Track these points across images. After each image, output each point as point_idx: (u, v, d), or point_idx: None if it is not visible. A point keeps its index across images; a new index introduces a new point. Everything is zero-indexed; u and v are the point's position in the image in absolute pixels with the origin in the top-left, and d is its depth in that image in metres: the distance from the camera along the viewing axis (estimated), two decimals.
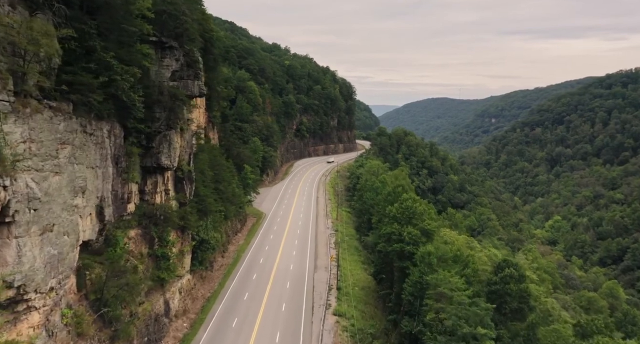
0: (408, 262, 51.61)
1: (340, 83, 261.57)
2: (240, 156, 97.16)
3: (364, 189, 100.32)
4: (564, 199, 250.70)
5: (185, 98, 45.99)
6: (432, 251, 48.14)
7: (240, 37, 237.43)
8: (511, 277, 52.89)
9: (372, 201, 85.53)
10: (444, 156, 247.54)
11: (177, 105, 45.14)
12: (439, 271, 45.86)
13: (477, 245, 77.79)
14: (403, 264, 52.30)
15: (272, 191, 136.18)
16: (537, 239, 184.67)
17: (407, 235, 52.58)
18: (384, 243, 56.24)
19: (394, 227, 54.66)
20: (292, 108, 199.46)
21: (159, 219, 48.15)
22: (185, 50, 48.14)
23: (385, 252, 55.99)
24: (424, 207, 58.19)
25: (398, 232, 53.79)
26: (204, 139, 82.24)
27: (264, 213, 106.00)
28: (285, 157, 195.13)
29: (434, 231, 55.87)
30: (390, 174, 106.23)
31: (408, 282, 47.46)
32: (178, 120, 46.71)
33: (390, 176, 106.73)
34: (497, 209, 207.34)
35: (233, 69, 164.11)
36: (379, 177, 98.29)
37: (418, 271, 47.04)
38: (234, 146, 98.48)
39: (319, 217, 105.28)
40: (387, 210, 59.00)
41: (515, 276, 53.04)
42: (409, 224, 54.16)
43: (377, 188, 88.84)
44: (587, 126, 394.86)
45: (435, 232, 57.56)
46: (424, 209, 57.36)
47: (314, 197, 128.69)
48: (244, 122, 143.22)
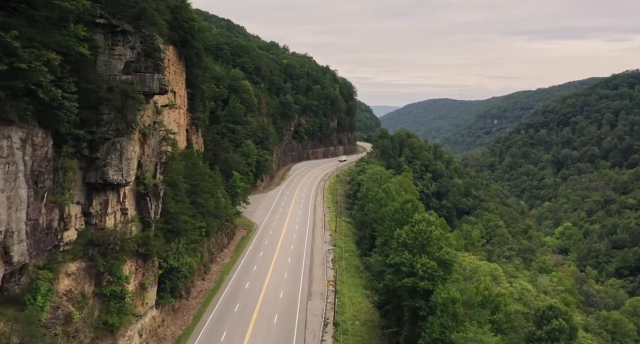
0: (422, 302, 41.88)
1: (340, 83, 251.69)
2: (228, 162, 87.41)
3: (365, 198, 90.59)
4: (573, 203, 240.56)
5: (138, 95, 36.17)
6: (457, 297, 38.11)
7: (236, 35, 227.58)
8: (561, 331, 41.72)
9: (375, 214, 75.85)
10: (449, 158, 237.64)
11: (129, 105, 35.33)
12: (466, 325, 36.03)
13: (501, 272, 68.16)
14: (416, 304, 42.59)
15: (267, 198, 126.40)
16: (548, 247, 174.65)
17: (421, 267, 42.76)
18: (392, 275, 46.51)
19: (404, 257, 44.88)
20: (290, 109, 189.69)
21: (111, 247, 38.37)
22: (143, 36, 38.37)
23: (392, 286, 46.23)
24: (440, 231, 48.24)
25: (409, 264, 44.00)
26: (186, 144, 72.58)
27: (255, 224, 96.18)
28: (283, 161, 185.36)
29: (453, 262, 46.12)
30: (394, 181, 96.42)
31: (425, 337, 37.38)
32: (133, 123, 36.91)
33: (394, 182, 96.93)
34: (505, 215, 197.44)
35: (227, 68, 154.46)
36: (382, 186, 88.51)
37: (439, 324, 37.08)
38: (221, 150, 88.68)
39: (316, 229, 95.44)
40: (396, 234, 49.27)
41: (565, 329, 41.84)
42: (423, 253, 44.41)
43: (381, 199, 79.15)
44: (594, 127, 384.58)
45: (455, 262, 47.76)
46: (440, 234, 47.52)
47: (311, 205, 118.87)
48: (236, 123, 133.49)
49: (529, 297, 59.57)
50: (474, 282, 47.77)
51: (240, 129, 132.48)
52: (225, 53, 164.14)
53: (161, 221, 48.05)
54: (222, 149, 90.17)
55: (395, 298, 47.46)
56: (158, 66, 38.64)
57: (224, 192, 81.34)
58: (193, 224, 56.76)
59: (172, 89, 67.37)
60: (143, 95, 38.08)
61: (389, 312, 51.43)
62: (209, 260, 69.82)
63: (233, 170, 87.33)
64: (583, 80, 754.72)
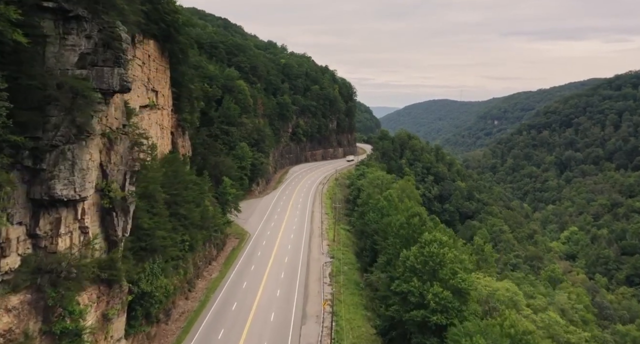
0: (435, 339, 35.86)
1: (339, 83, 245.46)
2: (219, 166, 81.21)
3: (365, 205, 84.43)
4: (579, 207, 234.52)
5: (91, 93, 29.99)
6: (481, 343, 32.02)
7: (233, 34, 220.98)
8: None
9: (377, 224, 69.72)
10: (451, 160, 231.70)
11: (79, 105, 29.17)
12: None
13: (521, 296, 61.95)
14: (427, 342, 36.44)
15: (262, 203, 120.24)
16: (555, 253, 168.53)
17: (433, 298, 36.76)
18: (398, 305, 40.37)
19: (412, 285, 38.80)
20: (288, 110, 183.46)
21: (64, 274, 32.18)
22: (102, 23, 32.20)
23: (399, 318, 40.07)
24: (454, 253, 41.85)
25: (419, 293, 37.97)
26: (170, 148, 66.42)
27: (248, 233, 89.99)
28: (280, 163, 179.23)
29: (470, 290, 39.90)
30: (396, 187, 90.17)
31: None
32: (86, 127, 30.73)
33: (396, 188, 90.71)
34: (510, 220, 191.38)
35: (221, 67, 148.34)
36: (383, 193, 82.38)
37: None
38: (212, 154, 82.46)
39: (313, 238, 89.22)
40: (402, 256, 43.15)
41: None
42: (434, 280, 38.33)
43: (383, 208, 73.02)
44: (597, 128, 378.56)
45: (472, 290, 41.44)
46: (454, 256, 41.25)
47: (309, 211, 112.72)
48: (231, 125, 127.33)
49: (557, 330, 53.34)
50: (496, 317, 41.54)
51: (234, 130, 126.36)
52: (220, 52, 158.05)
53: (132, 239, 41.87)
54: (213, 152, 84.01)
55: (401, 327, 41.35)
56: (119, 59, 32.42)
57: (213, 200, 75.13)
58: (173, 239, 50.58)
59: (153, 88, 61.32)
60: (101, 93, 31.90)
61: (393, 340, 45.30)
62: (195, 275, 63.65)
63: (224, 175, 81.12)
64: (584, 81, 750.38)
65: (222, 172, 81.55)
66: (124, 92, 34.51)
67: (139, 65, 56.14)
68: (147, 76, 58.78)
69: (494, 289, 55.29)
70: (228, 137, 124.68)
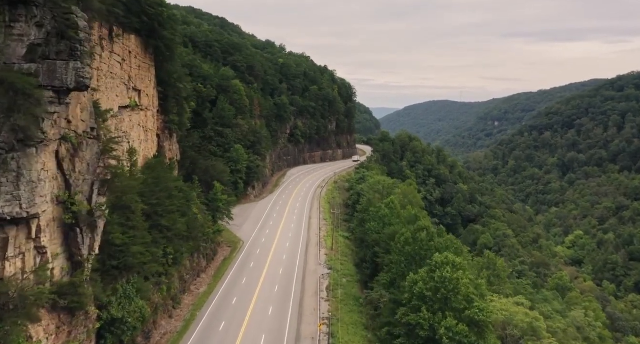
0: None
1: (339, 83, 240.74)
2: (209, 171, 76.27)
3: (366, 212, 79.53)
4: (583, 210, 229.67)
5: (35, 92, 25.13)
6: None
7: (230, 33, 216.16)
8: None
9: (378, 235, 64.80)
10: (453, 163, 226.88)
11: (19, 105, 24.31)
12: None
13: (542, 322, 56.70)
14: None
15: (258, 208, 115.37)
16: (560, 259, 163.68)
17: (445, 333, 31.73)
18: (405, 339, 35.42)
19: (421, 317, 33.82)
20: (285, 110, 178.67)
21: (11, 304, 27.30)
22: (57, 9, 27.37)
23: None
24: (469, 277, 36.62)
25: (429, 325, 33.04)
26: (155, 152, 61.58)
27: (241, 241, 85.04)
28: (277, 166, 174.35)
29: (489, 322, 34.77)
30: (398, 192, 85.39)
31: None
32: (31, 132, 25.87)
33: (398, 194, 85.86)
34: (513, 224, 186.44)
35: (216, 66, 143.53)
36: (385, 199, 77.49)
37: None
38: (202, 158, 77.54)
39: (310, 247, 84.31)
40: (409, 280, 38.09)
41: None
42: (447, 310, 33.39)
43: (384, 217, 68.15)
44: (600, 129, 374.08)
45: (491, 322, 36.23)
46: (469, 281, 36.07)
47: (306, 216, 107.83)
48: (225, 126, 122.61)
49: None
50: None
51: (229, 132, 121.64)
52: (215, 51, 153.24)
53: (102, 257, 37.00)
54: (203, 156, 79.10)
55: None
56: (75, 51, 27.59)
57: (203, 208, 70.22)
58: (154, 254, 45.72)
59: (135, 87, 56.48)
60: (53, 91, 27.07)
61: None
62: (181, 290, 58.72)
63: (215, 180, 76.23)
64: (585, 81, 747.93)
65: (213, 177, 76.67)
66: (82, 90, 29.63)
67: (118, 62, 51.34)
68: (127, 74, 53.94)
69: (512, 313, 50.25)
70: (223, 139, 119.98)
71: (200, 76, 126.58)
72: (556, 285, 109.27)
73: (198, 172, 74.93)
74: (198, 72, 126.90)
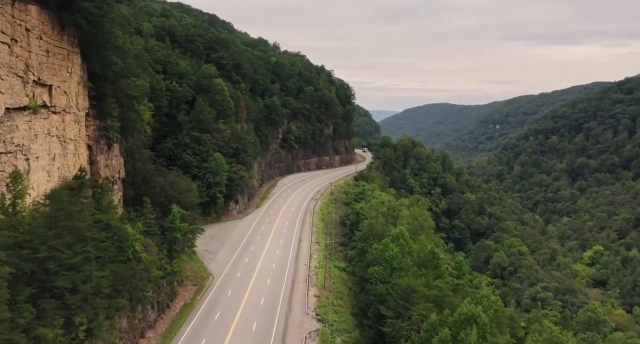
0: None
1: (336, 84, 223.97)
2: (166, 191, 59.39)
3: (366, 242, 62.86)
4: (599, 221, 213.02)
5: None
6: None
7: (220, 30, 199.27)
8: None
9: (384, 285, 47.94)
10: (459, 170, 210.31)
11: None
12: None
13: None
14: None
15: (240, 227, 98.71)
16: (582, 279, 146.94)
17: None
18: None
19: None
20: (277, 113, 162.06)
21: None
22: None
23: None
24: None
25: None
26: (78, 171, 44.83)
27: (211, 276, 68.32)
28: (268, 174, 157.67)
29: None
30: (406, 215, 68.64)
31: None
32: None
33: (406, 216, 69.13)
34: (527, 238, 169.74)
35: (197, 63, 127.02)
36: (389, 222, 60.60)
37: None
38: (158, 174, 60.54)
39: (297, 284, 67.54)
40: None
41: None
42: None
43: (392, 258, 51.32)
44: (609, 134, 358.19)
45: None
46: None
47: (295, 239, 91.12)
48: (204, 131, 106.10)
49: None
50: None
51: (207, 138, 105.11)
52: (197, 46, 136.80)
53: None
54: (159, 171, 62.13)
55: None
56: None
57: (152, 242, 53.23)
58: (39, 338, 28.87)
59: (40, 80, 39.77)
60: None
61: None
62: None
63: (174, 202, 59.44)
64: (587, 84, 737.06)
65: (172, 198, 59.88)
66: None
67: (4, 43, 34.73)
68: (24, 62, 37.26)
69: None
70: (200, 146, 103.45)
71: (175, 74, 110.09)
72: (588, 319, 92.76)
73: (151, 193, 58.08)
74: (173, 69, 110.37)
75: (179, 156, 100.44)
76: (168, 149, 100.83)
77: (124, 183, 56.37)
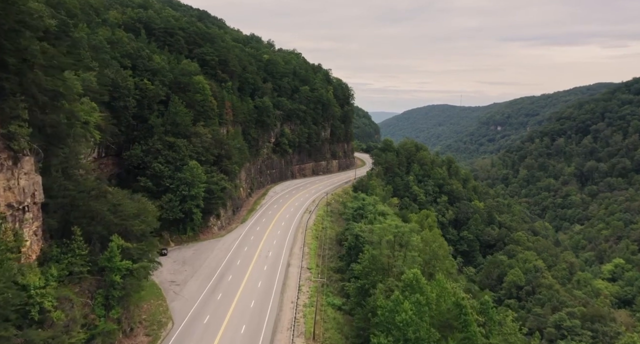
0: None
1: (334, 84, 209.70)
2: (104, 218, 45.06)
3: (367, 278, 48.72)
4: (615, 230, 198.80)
5: None
6: None
7: (209, 26, 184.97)
8: None
9: None
10: (466, 176, 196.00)
11: None
12: None
13: None
14: None
15: (219, 249, 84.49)
16: (605, 298, 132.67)
17: None
18: None
19: None
20: (269, 115, 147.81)
21: None
22: None
23: None
24: None
25: None
26: None
27: (170, 323, 53.86)
28: (258, 182, 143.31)
29: None
30: (417, 240, 54.66)
31: None
32: None
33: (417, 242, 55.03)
34: (542, 251, 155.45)
35: (177, 59, 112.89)
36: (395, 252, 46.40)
37: None
38: (88, 198, 46.00)
39: (279, 336, 53.09)
40: None
41: None
42: None
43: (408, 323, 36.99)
44: (619, 136, 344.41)
45: None
46: None
47: (283, 265, 76.91)
48: (179, 136, 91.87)
49: None
50: None
51: (184, 144, 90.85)
52: (177, 40, 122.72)
53: None
54: (98, 191, 47.60)
55: None
56: None
57: (69, 295, 38.77)
58: None
59: None
60: None
61: None
62: None
63: (115, 232, 45.16)
64: (590, 85, 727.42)
65: (112, 227, 45.64)
66: None
67: None
68: None
69: None
70: (174, 153, 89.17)
71: (148, 70, 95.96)
72: None
73: (84, 221, 43.77)
74: (145, 65, 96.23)
75: (149, 165, 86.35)
76: (136, 157, 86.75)
77: (44, 209, 42.03)
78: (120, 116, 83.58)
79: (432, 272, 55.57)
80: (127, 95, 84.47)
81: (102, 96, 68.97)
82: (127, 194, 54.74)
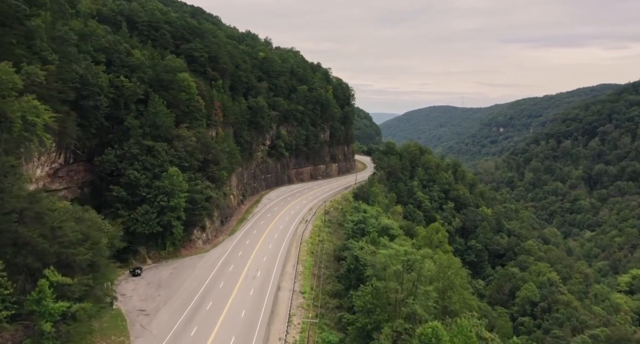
0: None
1: (334, 84, 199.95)
2: (34, 246, 35.26)
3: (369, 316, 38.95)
4: (629, 237, 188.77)
5: None
6: None
7: (202, 22, 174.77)
8: None
9: None
10: (473, 180, 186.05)
11: None
12: None
13: None
14: None
15: (200, 268, 74.65)
16: (625, 314, 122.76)
17: None
18: None
19: None
20: (263, 116, 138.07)
21: None
22: None
23: None
24: None
25: None
26: None
27: None
28: (252, 188, 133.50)
29: None
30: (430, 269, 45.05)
31: None
32: None
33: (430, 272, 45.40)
34: (555, 262, 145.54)
35: (161, 54, 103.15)
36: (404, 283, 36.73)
37: None
38: (27, 218, 36.18)
39: None
40: None
41: None
42: None
43: None
44: (628, 138, 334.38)
45: None
46: None
47: (272, 288, 67.12)
48: (159, 139, 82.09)
49: None
50: None
51: (163, 148, 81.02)
52: (162, 35, 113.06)
53: None
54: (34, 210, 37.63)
55: None
56: None
57: None
58: None
59: None
60: None
61: None
62: None
63: (48, 266, 35.44)
64: (593, 86, 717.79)
65: (47, 258, 35.89)
66: None
67: None
68: None
69: None
70: (152, 158, 79.34)
71: (125, 66, 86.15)
72: None
73: (6, 250, 33.98)
74: (123, 60, 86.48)
75: (123, 172, 76.57)
76: (109, 163, 76.85)
77: None
78: (90, 116, 73.83)
79: (446, 305, 45.93)
80: (99, 93, 74.62)
81: (60, 93, 59.28)
82: (78, 212, 44.78)
